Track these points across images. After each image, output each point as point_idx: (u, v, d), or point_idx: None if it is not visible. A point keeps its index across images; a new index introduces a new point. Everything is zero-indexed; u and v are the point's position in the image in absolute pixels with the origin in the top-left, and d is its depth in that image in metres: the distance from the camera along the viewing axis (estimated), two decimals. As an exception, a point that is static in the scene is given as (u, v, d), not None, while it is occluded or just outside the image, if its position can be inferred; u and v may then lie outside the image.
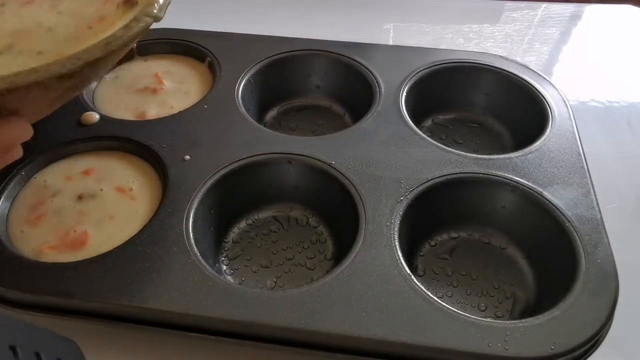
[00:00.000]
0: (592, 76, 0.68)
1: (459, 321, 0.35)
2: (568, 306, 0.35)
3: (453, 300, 0.41)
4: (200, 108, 0.50)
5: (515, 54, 0.71)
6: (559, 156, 0.45)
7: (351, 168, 0.44)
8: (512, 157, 0.45)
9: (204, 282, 0.36)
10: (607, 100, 0.63)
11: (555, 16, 0.78)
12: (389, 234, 0.39)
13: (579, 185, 0.42)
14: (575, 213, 0.40)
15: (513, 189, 0.43)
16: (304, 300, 0.36)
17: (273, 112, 0.57)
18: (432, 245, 0.45)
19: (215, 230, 0.44)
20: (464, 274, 0.43)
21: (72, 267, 0.37)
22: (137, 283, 0.36)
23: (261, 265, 0.44)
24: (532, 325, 0.34)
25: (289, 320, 0.35)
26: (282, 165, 0.45)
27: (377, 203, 0.41)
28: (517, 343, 0.34)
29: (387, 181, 0.43)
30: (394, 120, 0.48)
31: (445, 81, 0.54)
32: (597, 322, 0.34)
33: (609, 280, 0.36)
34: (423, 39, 0.74)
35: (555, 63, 0.71)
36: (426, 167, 0.44)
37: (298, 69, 0.56)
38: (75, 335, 0.41)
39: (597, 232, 0.39)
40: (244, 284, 0.42)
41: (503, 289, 0.42)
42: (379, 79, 0.52)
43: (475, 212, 0.44)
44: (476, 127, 0.55)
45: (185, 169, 0.44)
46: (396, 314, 0.35)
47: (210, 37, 0.53)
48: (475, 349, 0.33)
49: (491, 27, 0.76)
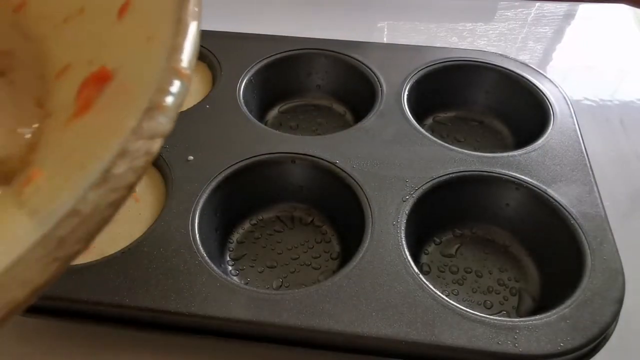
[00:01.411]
0: (585, 75, 0.68)
1: (467, 319, 0.35)
2: (576, 303, 0.35)
3: (459, 298, 0.41)
4: (202, 108, 0.49)
5: (509, 53, 0.71)
6: (562, 153, 0.45)
7: (356, 167, 0.44)
8: (516, 155, 0.45)
9: (212, 283, 0.36)
10: (600, 99, 0.64)
11: (548, 15, 0.79)
12: (396, 232, 0.39)
13: (582, 183, 0.43)
14: (579, 210, 0.41)
15: (517, 186, 0.43)
16: (313, 300, 0.36)
17: (274, 111, 0.56)
18: (437, 244, 0.45)
19: (220, 231, 0.44)
20: (469, 272, 0.43)
21: (77, 271, 0.37)
22: (145, 285, 0.36)
23: (266, 266, 0.43)
24: (541, 323, 0.35)
25: (298, 320, 0.35)
26: (286, 165, 0.45)
27: (383, 202, 0.41)
28: (526, 340, 0.34)
29: (392, 180, 0.43)
30: (396, 119, 0.48)
31: (446, 79, 0.54)
32: (604, 318, 0.35)
33: (615, 276, 0.37)
34: (417, 37, 0.74)
35: (549, 61, 0.72)
36: (430, 165, 0.44)
37: (298, 69, 0.56)
38: (83, 338, 0.41)
39: (602, 229, 0.40)
40: (250, 285, 0.42)
41: (508, 287, 0.42)
42: (381, 77, 0.52)
43: (480, 210, 0.45)
44: (477, 125, 0.55)
45: (188, 170, 0.43)
46: (405, 312, 0.35)
47: (210, 37, 0.52)
48: (485, 346, 0.34)
49: (485, 26, 0.77)
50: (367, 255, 0.38)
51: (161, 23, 0.25)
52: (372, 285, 0.36)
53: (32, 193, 0.24)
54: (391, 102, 0.50)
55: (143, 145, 0.21)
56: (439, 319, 0.35)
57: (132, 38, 0.27)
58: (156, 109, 0.21)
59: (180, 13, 0.24)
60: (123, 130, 0.21)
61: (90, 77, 0.27)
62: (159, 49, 0.24)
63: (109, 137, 0.22)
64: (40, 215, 0.21)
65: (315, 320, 0.35)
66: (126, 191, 0.20)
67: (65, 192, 0.21)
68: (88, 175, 0.20)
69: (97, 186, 0.19)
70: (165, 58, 0.23)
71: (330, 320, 0.35)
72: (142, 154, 0.21)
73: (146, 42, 0.25)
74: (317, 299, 0.36)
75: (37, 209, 0.22)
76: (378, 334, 0.34)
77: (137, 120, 0.21)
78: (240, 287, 0.37)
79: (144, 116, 0.21)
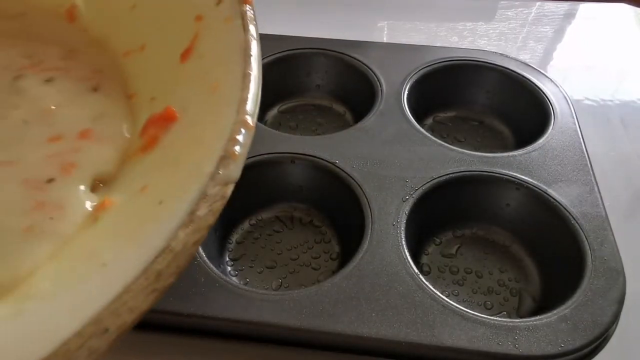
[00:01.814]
0: (586, 74, 0.68)
1: (467, 320, 0.35)
2: (576, 304, 0.35)
3: (459, 298, 0.41)
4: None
5: (509, 52, 0.70)
6: (563, 153, 0.45)
7: (355, 167, 0.44)
8: (516, 155, 0.45)
9: (212, 283, 0.36)
10: (601, 98, 0.64)
11: (549, 14, 0.78)
12: (396, 233, 0.39)
13: (583, 183, 0.43)
14: (580, 210, 0.41)
15: (517, 186, 0.43)
16: (312, 301, 0.35)
17: (273, 111, 0.56)
18: (437, 244, 0.45)
19: (219, 231, 0.44)
20: (469, 272, 0.43)
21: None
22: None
23: (266, 266, 0.43)
24: (541, 324, 0.34)
25: (298, 320, 0.35)
26: (285, 165, 0.45)
27: (383, 202, 0.41)
28: (526, 341, 0.34)
29: (392, 180, 0.43)
30: (397, 119, 0.48)
31: (446, 79, 0.54)
32: (605, 319, 0.35)
33: (616, 277, 0.37)
34: (417, 37, 0.73)
35: (550, 61, 0.71)
36: (431, 165, 0.44)
37: (298, 68, 0.56)
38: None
39: (603, 229, 0.39)
40: (249, 285, 0.42)
41: (509, 287, 0.42)
42: (380, 77, 0.52)
43: (480, 210, 0.44)
44: (477, 125, 0.55)
45: (188, 170, 0.43)
46: (405, 313, 0.35)
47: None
48: (486, 347, 0.34)
49: (485, 25, 0.76)
50: (367, 255, 0.38)
51: (226, 74, 0.27)
52: (372, 285, 0.36)
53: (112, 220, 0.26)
54: (391, 102, 0.50)
55: (220, 191, 0.23)
56: (439, 319, 0.35)
57: (196, 84, 0.29)
58: (229, 157, 0.24)
59: (246, 67, 0.27)
60: (201, 175, 0.23)
61: (156, 116, 0.29)
62: (227, 100, 0.26)
63: (186, 180, 0.24)
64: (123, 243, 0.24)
65: (314, 321, 0.35)
66: (206, 231, 0.23)
67: (150, 225, 0.23)
68: (171, 213, 0.23)
69: (185, 226, 0.22)
70: (235, 110, 0.25)
71: (329, 321, 0.35)
72: (219, 198, 0.23)
73: (212, 90, 0.27)
74: (316, 300, 0.35)
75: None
76: (378, 334, 0.34)
77: (214, 167, 0.23)
78: (239, 288, 0.36)
79: (220, 164, 0.23)
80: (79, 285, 0.23)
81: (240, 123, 0.25)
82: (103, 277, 0.22)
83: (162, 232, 0.22)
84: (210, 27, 0.30)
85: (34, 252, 0.25)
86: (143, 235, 0.23)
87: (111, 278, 0.22)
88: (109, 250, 0.24)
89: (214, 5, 0.30)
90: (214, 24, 0.30)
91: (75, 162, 0.28)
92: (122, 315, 0.20)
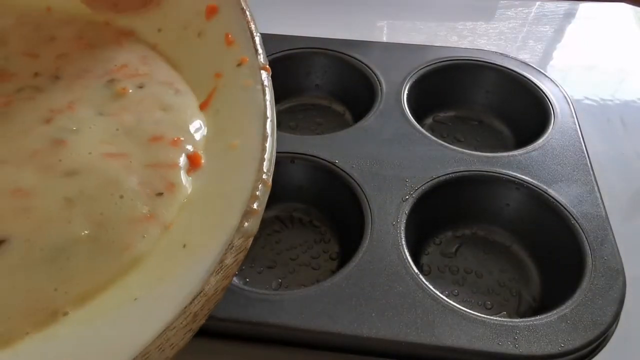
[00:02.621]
0: (586, 74, 0.68)
1: (467, 320, 0.35)
2: (576, 304, 0.35)
3: (459, 298, 0.41)
4: (201, 107, 0.49)
5: (509, 52, 0.71)
6: (563, 153, 0.45)
7: (355, 167, 0.44)
8: (516, 155, 0.45)
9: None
10: (601, 98, 0.64)
11: (549, 14, 0.78)
12: (396, 233, 0.39)
13: (583, 182, 0.43)
14: (580, 210, 0.41)
15: (517, 186, 0.43)
16: (312, 301, 0.35)
17: (273, 111, 0.56)
18: (437, 244, 0.44)
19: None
20: (469, 272, 0.43)
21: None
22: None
23: (265, 266, 0.43)
24: (541, 324, 0.34)
25: (297, 321, 0.35)
26: (285, 165, 0.45)
27: (383, 202, 0.41)
28: (526, 341, 0.34)
29: (391, 180, 0.43)
30: (396, 119, 0.48)
31: (446, 79, 0.54)
32: (605, 319, 0.35)
33: (616, 277, 0.37)
34: (417, 37, 0.73)
35: (550, 61, 0.71)
36: (430, 165, 0.44)
37: (297, 68, 0.56)
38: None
39: (603, 229, 0.39)
40: (249, 285, 0.42)
41: (509, 287, 0.42)
42: (380, 77, 0.52)
43: (480, 210, 0.44)
44: (477, 125, 0.55)
45: (187, 169, 0.43)
46: (405, 313, 0.35)
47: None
48: (486, 347, 0.33)
49: (485, 25, 0.76)
50: (367, 255, 0.38)
51: (246, 134, 0.30)
52: (372, 285, 0.36)
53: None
54: (391, 102, 0.50)
55: (243, 243, 0.26)
56: (439, 319, 0.35)
57: (217, 138, 0.32)
58: (251, 213, 0.26)
59: (264, 130, 0.29)
60: (227, 227, 0.26)
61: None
62: (247, 159, 0.29)
63: (212, 229, 0.27)
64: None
65: (314, 321, 0.34)
66: (231, 279, 0.25)
67: (181, 269, 0.25)
68: (202, 260, 0.25)
69: (216, 273, 0.24)
70: (256, 169, 0.28)
71: (329, 321, 0.34)
72: (242, 250, 0.26)
73: (231, 147, 0.30)
74: (316, 300, 0.35)
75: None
76: (377, 334, 0.34)
77: (238, 220, 0.26)
78: (239, 288, 0.36)
79: (244, 218, 0.26)
80: (116, 318, 0.25)
81: (259, 181, 0.27)
82: (139, 311, 0.24)
83: (196, 277, 0.24)
84: (228, 85, 0.33)
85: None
86: (175, 277, 0.25)
87: (147, 314, 0.24)
88: (139, 286, 0.26)
89: (234, 66, 0.33)
90: (232, 83, 0.33)
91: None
92: (165, 351, 0.23)
